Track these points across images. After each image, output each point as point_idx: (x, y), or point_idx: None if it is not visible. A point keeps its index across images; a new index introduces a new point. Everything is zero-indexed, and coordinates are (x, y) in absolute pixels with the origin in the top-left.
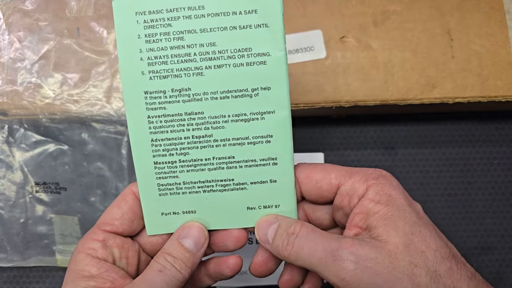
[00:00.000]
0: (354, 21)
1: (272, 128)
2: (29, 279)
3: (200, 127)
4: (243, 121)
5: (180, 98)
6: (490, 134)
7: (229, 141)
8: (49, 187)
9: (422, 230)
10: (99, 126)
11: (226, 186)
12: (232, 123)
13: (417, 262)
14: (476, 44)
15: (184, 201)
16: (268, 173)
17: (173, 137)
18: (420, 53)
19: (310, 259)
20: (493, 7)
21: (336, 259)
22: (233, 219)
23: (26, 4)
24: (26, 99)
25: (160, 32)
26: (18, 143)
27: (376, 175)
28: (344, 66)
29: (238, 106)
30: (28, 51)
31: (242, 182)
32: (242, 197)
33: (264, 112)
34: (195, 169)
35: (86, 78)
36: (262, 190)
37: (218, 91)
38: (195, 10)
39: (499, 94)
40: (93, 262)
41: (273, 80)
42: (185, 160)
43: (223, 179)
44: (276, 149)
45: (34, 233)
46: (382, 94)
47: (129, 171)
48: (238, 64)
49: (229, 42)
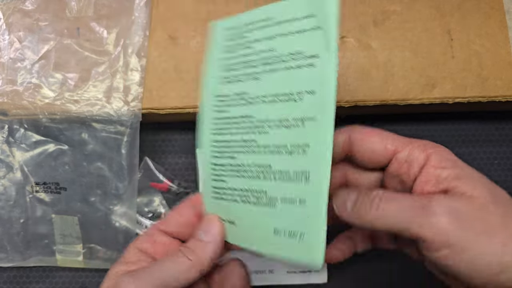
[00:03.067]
0: (354, 21)
1: (309, 136)
2: (29, 279)
3: (249, 131)
4: (285, 127)
5: (240, 101)
6: (490, 134)
7: (270, 147)
8: (49, 187)
9: (497, 186)
10: (99, 126)
11: (259, 199)
12: (275, 128)
13: (508, 213)
14: (476, 44)
15: (227, 209)
16: (298, 190)
17: (227, 139)
18: (420, 53)
19: (397, 217)
20: (493, 7)
21: (428, 214)
22: (259, 240)
23: (26, 4)
24: (26, 99)
25: (236, 43)
26: (18, 143)
27: (433, 145)
28: (344, 66)
29: (283, 111)
30: (28, 51)
31: (273, 197)
32: (271, 216)
33: (305, 118)
34: (238, 174)
35: (86, 78)
36: (290, 211)
37: (267, 94)
38: (263, 22)
39: (499, 94)
40: (135, 251)
41: (319, 83)
42: (232, 164)
43: (258, 190)
44: (310, 161)
45: (34, 233)
46: (382, 94)
47: (129, 171)
48: (289, 67)
49: (286, 47)
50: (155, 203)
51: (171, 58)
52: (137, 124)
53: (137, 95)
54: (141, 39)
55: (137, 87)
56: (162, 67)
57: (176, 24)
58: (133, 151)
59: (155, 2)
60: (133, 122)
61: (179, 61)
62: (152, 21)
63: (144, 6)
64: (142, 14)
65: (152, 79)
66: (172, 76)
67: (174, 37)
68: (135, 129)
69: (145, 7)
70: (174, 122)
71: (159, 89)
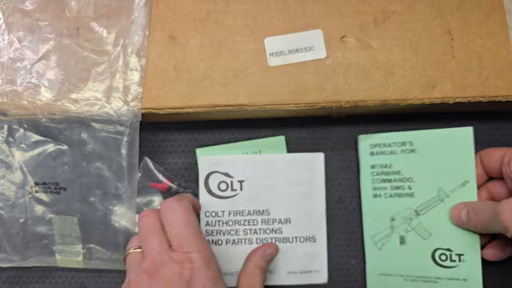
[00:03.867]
0: (355, 21)
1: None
2: (29, 279)
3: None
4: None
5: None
6: (490, 134)
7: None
8: (49, 187)
9: None
10: (99, 126)
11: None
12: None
13: None
14: (476, 44)
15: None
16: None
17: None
18: (420, 53)
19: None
20: (493, 7)
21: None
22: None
23: (26, 4)
24: (25, 99)
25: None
26: (17, 143)
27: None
28: (345, 66)
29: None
30: (28, 51)
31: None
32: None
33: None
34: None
35: (86, 78)
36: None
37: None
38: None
39: (499, 94)
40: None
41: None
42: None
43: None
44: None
45: (33, 233)
46: (382, 94)
47: (129, 171)
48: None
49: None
50: (155, 203)
51: (171, 57)
52: (136, 124)
53: (137, 95)
54: (141, 39)
55: (136, 87)
56: (162, 67)
57: (175, 23)
58: (133, 151)
59: (154, 2)
60: (133, 122)
61: (179, 60)
62: (152, 21)
63: (143, 6)
64: (142, 14)
65: (152, 79)
66: (172, 76)
67: (174, 37)
68: (135, 129)
69: (145, 6)
70: (174, 122)
71: (159, 89)
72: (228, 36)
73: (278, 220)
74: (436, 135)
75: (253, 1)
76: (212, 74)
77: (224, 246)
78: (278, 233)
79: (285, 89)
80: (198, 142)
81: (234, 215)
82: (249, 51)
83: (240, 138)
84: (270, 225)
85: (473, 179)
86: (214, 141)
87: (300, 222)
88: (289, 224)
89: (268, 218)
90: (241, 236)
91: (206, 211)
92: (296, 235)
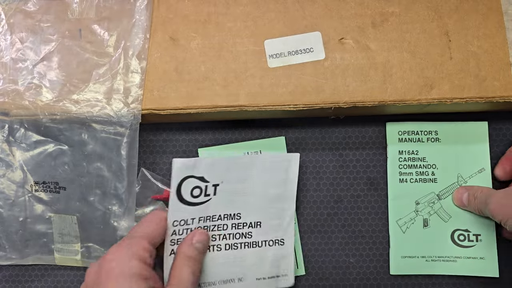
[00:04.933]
0: (353, 23)
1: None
2: (27, 277)
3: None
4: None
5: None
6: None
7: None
8: (49, 187)
9: None
10: (99, 127)
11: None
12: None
13: None
14: (474, 45)
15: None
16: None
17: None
18: (418, 54)
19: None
20: (491, 9)
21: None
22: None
23: (28, 5)
24: (27, 99)
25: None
26: (18, 143)
27: None
28: (343, 67)
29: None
30: (29, 52)
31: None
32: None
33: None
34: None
35: (87, 80)
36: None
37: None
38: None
39: (496, 94)
40: (145, 267)
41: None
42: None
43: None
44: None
45: (33, 232)
46: (380, 95)
47: (128, 172)
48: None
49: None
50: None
51: (172, 59)
52: (136, 125)
53: (137, 96)
54: (142, 41)
55: (137, 89)
56: (163, 68)
57: (177, 25)
58: (132, 152)
59: (156, 4)
60: (133, 124)
61: (180, 62)
62: (153, 22)
63: (144, 9)
64: (143, 16)
65: (153, 80)
66: (172, 77)
67: (175, 38)
68: (135, 130)
69: (146, 9)
70: (175, 123)
71: (160, 90)
72: (228, 38)
73: (248, 224)
74: (458, 127)
75: (253, 3)
76: (213, 75)
77: None
78: (248, 238)
79: (284, 90)
80: (199, 143)
81: (204, 221)
82: (249, 52)
83: (241, 138)
84: (240, 229)
85: (488, 167)
86: (215, 142)
87: (270, 225)
88: (259, 228)
89: (238, 223)
90: (210, 243)
91: (174, 221)
92: (266, 238)
